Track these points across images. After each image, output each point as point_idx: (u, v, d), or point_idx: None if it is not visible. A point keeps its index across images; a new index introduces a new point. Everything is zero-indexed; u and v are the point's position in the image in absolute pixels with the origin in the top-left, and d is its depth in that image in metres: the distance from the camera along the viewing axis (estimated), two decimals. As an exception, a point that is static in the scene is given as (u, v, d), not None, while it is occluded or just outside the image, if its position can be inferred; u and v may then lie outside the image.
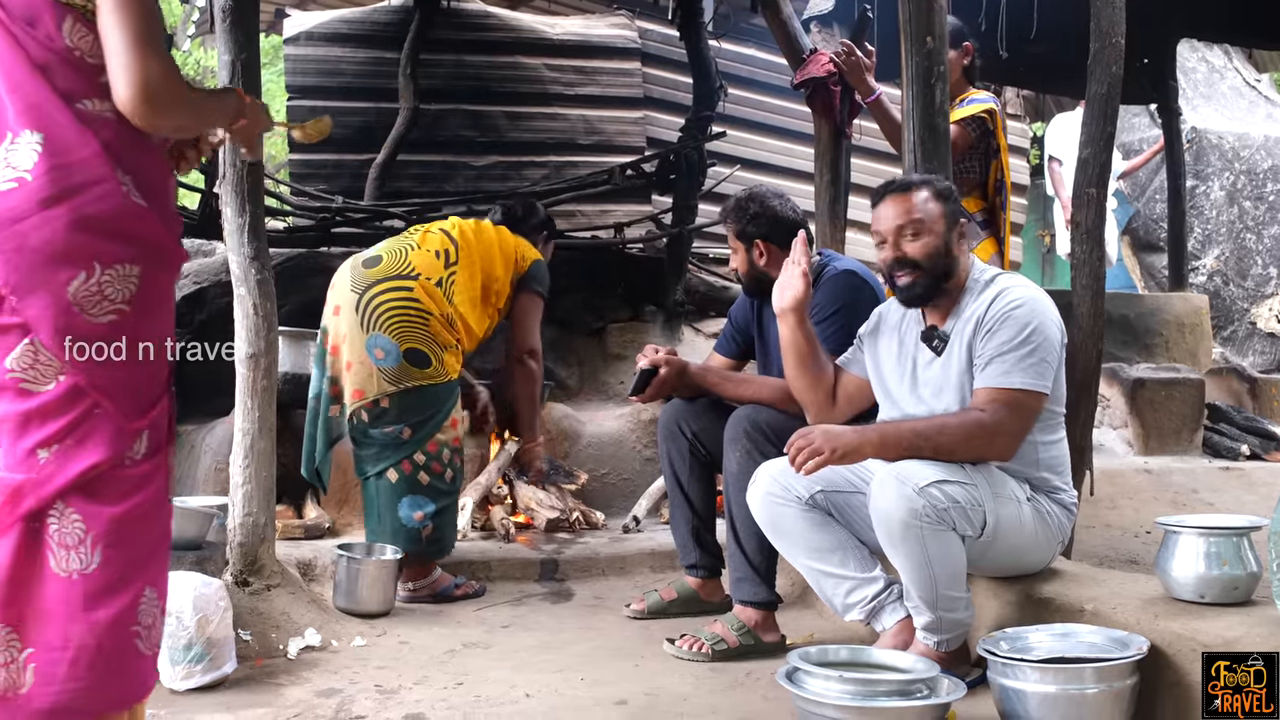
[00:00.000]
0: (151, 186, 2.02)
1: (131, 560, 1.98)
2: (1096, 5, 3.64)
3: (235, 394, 3.53)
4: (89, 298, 1.93)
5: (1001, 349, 2.75)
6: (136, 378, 1.98)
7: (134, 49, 1.89)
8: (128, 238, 1.96)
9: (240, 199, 3.56)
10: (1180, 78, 8.24)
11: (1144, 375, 6.14)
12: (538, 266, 4.44)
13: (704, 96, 6.45)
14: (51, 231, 1.89)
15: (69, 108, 1.93)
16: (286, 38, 7.55)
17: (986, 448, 2.72)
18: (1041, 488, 2.89)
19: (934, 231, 2.86)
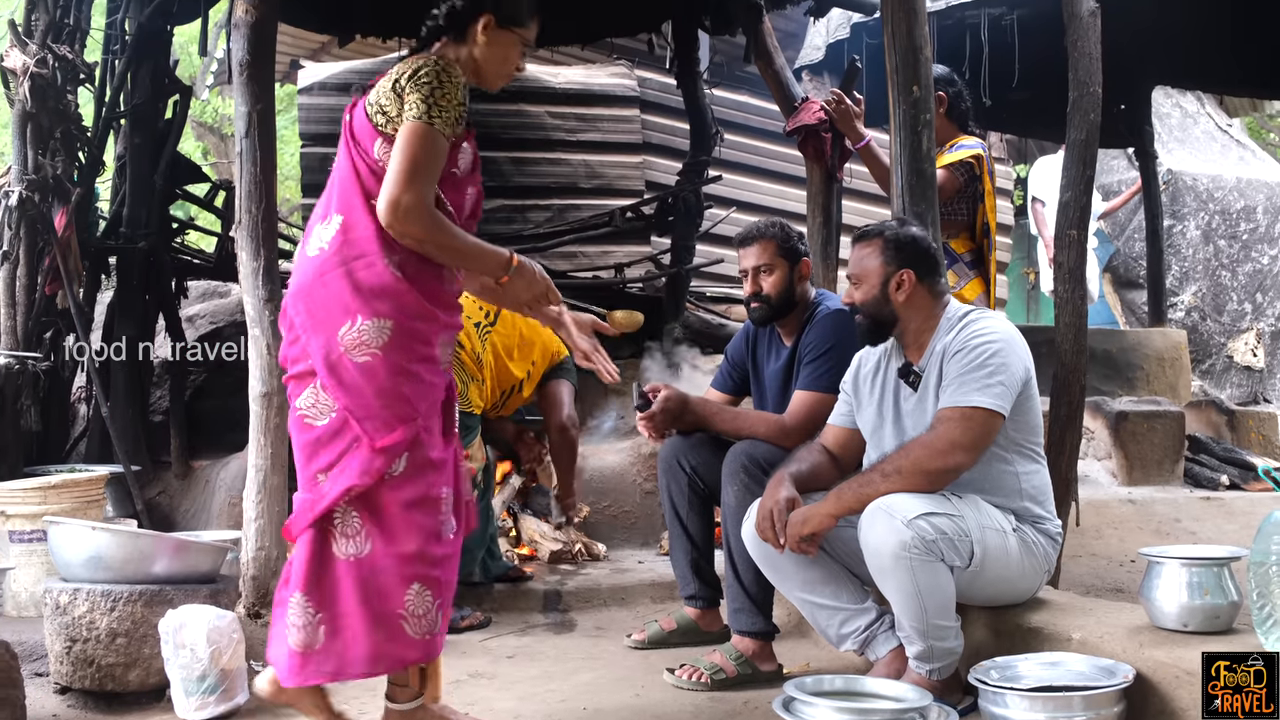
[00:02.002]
0: (419, 270, 2.49)
1: (398, 554, 2.44)
2: (1074, 56, 3.66)
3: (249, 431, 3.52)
4: (353, 342, 2.42)
5: (961, 372, 2.76)
6: (383, 408, 2.42)
7: (397, 176, 2.39)
8: (385, 299, 2.44)
9: (255, 244, 3.56)
10: (1156, 122, 8.28)
11: (1126, 408, 6.13)
12: (570, 360, 4.61)
13: (701, 142, 6.47)
14: (336, 288, 2.45)
15: (366, 203, 2.47)
16: (300, 88, 7.59)
17: (937, 461, 2.70)
18: (1026, 518, 2.87)
19: (870, 283, 2.94)
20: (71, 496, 3.72)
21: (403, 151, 2.39)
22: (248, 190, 3.58)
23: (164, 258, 5.36)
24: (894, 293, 2.91)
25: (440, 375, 2.56)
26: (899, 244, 2.95)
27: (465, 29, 2.57)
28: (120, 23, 5.41)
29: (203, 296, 6.62)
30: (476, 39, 2.57)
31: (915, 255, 2.94)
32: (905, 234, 2.99)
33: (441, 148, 2.44)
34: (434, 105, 2.41)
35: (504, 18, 2.58)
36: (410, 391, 2.47)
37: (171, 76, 5.48)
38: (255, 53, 3.62)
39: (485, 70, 2.62)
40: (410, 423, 2.45)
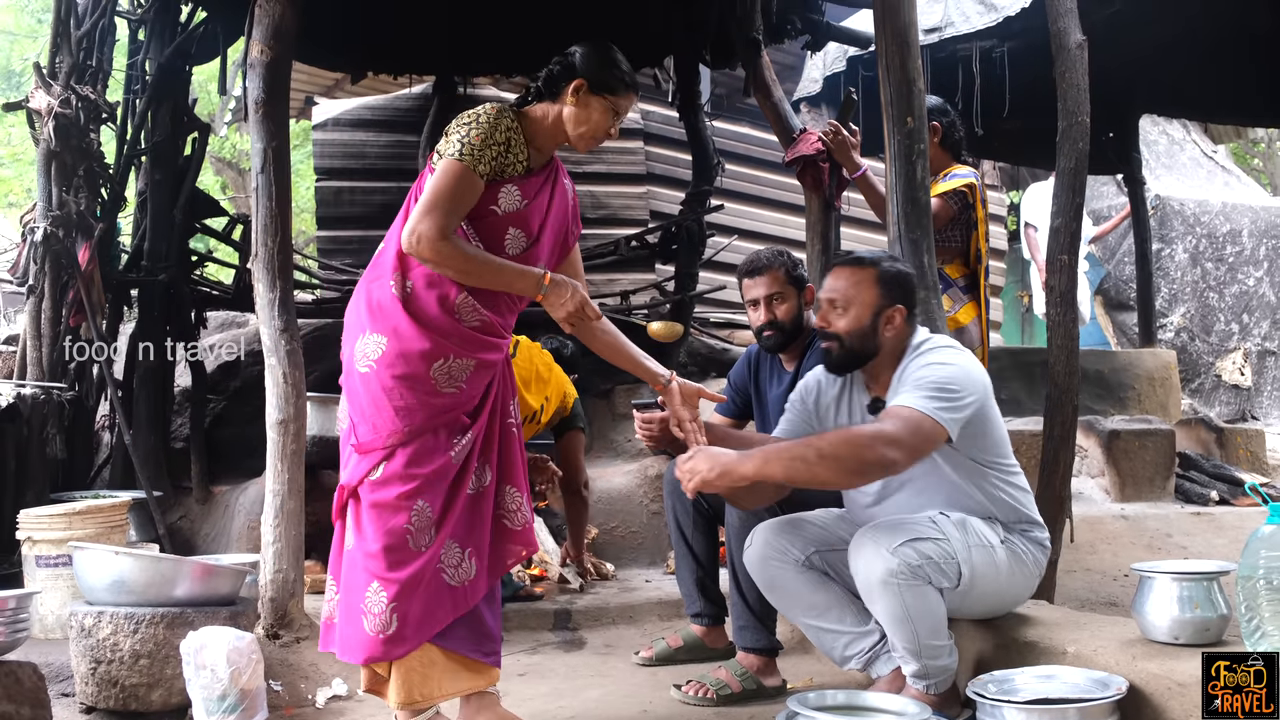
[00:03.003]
0: (425, 297, 2.61)
1: (367, 551, 2.56)
2: (1063, 87, 3.68)
3: (266, 457, 3.53)
4: (360, 352, 2.61)
5: (914, 384, 2.66)
6: (371, 415, 2.58)
7: (420, 207, 2.52)
8: (385, 317, 2.61)
9: (271, 275, 3.58)
10: (1143, 149, 8.31)
11: (1118, 427, 6.12)
12: (579, 406, 4.72)
13: (703, 172, 6.50)
14: (359, 303, 2.69)
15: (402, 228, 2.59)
16: (315, 124, 7.66)
17: (874, 452, 2.51)
18: (1014, 526, 2.83)
19: (860, 313, 2.81)
20: (96, 522, 3.73)
21: (431, 184, 2.54)
22: (264, 224, 3.61)
23: (183, 289, 5.39)
24: (883, 327, 2.81)
25: (438, 396, 2.60)
26: (895, 279, 2.86)
27: (560, 90, 2.70)
28: (141, 63, 5.46)
29: (221, 326, 6.65)
30: (567, 101, 2.69)
31: (907, 293, 2.87)
32: (899, 269, 2.91)
33: (469, 182, 2.54)
34: (465, 143, 2.55)
35: (595, 84, 2.68)
36: (396, 406, 2.56)
37: (190, 114, 5.52)
38: (270, 92, 3.65)
39: (571, 132, 2.71)
40: (391, 434, 2.56)
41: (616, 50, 2.75)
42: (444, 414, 2.63)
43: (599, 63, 2.71)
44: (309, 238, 11.74)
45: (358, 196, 7.51)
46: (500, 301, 2.72)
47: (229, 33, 5.28)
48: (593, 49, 2.73)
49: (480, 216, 2.62)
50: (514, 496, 2.81)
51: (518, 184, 2.65)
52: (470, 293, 2.64)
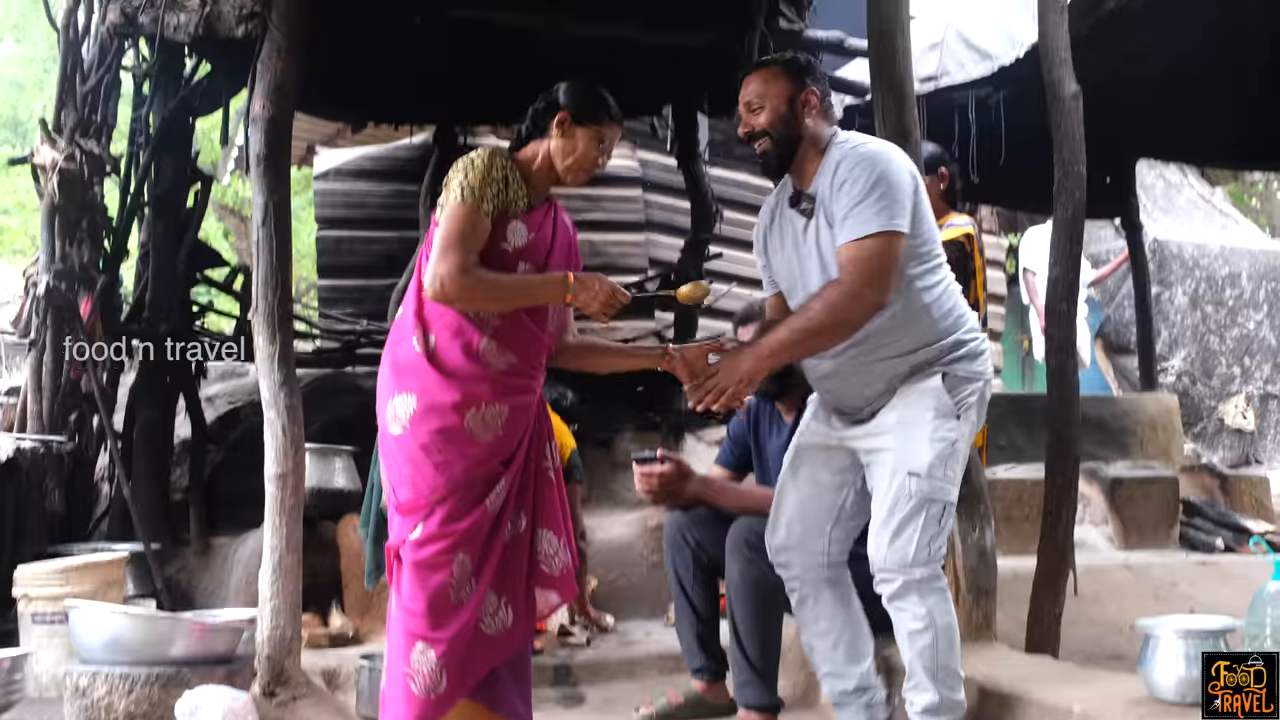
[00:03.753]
0: (449, 349, 2.64)
1: (409, 611, 2.57)
2: (1058, 138, 3.69)
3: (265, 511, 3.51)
4: (392, 415, 2.63)
5: (851, 204, 2.65)
6: (410, 475, 2.59)
7: (435, 254, 2.56)
8: (412, 375, 2.64)
9: (271, 329, 3.58)
10: (1141, 193, 8.33)
11: (1121, 474, 6.08)
12: (577, 457, 4.70)
13: (701, 220, 6.52)
14: (385, 368, 2.74)
15: (418, 285, 2.66)
16: (317, 174, 7.70)
17: (859, 307, 2.59)
18: (946, 349, 2.74)
19: (775, 104, 2.81)
20: (92, 578, 3.70)
21: (440, 230, 2.59)
22: (264, 278, 3.61)
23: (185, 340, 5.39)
24: (801, 111, 2.81)
25: (475, 446, 2.62)
26: (801, 66, 2.88)
27: (546, 127, 2.75)
28: (145, 116, 5.49)
29: (221, 377, 6.65)
30: (554, 135, 2.74)
31: (816, 77, 2.88)
32: (801, 57, 2.94)
33: (476, 222, 2.60)
34: (465, 186, 2.61)
35: (579, 116, 2.73)
36: (435, 462, 2.59)
37: (193, 167, 5.55)
38: (271, 146, 3.67)
39: (560, 163, 2.76)
40: (433, 491, 2.58)
41: (598, 84, 2.81)
42: (482, 464, 2.64)
43: (581, 95, 2.77)
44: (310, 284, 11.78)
45: (358, 246, 7.54)
46: (526, 341, 2.73)
47: (232, 85, 5.31)
48: (574, 83, 2.80)
49: (491, 254, 2.65)
50: (550, 540, 2.81)
51: (522, 219, 2.70)
52: (493, 337, 2.66)
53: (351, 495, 4.77)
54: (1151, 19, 4.95)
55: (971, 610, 3.38)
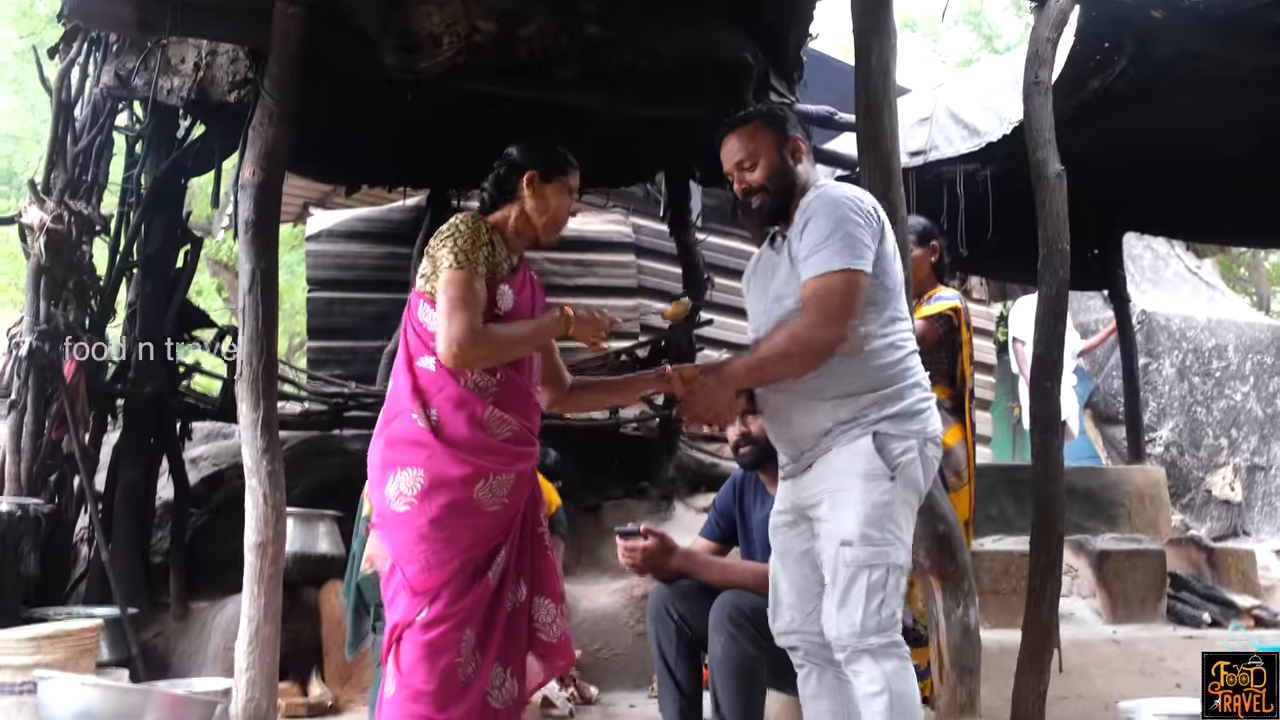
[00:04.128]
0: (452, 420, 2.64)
1: (416, 691, 2.53)
2: (1043, 215, 3.72)
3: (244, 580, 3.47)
4: (395, 493, 2.60)
5: (815, 243, 2.66)
6: (422, 553, 2.56)
7: (445, 319, 2.57)
8: (415, 450, 2.63)
9: (255, 395, 3.57)
10: (1128, 264, 8.40)
11: (1109, 547, 6.06)
12: (561, 512, 4.66)
13: (693, 286, 6.53)
14: (381, 447, 2.69)
15: (408, 364, 2.71)
16: (309, 235, 7.73)
17: (819, 339, 2.61)
18: (881, 412, 2.69)
19: (768, 156, 2.83)
20: (65, 646, 3.64)
21: (444, 297, 2.60)
22: (250, 344, 3.61)
23: (169, 402, 5.36)
24: (792, 159, 2.84)
25: (482, 516, 2.62)
26: (779, 117, 2.90)
27: (514, 190, 2.80)
28: (137, 176, 5.50)
29: (206, 438, 6.60)
30: (524, 196, 2.78)
31: (794, 123, 2.91)
32: (775, 109, 2.99)
33: (475, 284, 2.62)
34: (458, 251, 2.63)
35: (546, 172, 2.80)
36: (445, 536, 2.57)
37: (184, 227, 5.54)
38: (261, 212, 3.69)
39: (538, 223, 2.82)
40: (446, 564, 2.57)
41: (548, 139, 2.88)
42: (491, 536, 2.65)
43: (542, 152, 2.84)
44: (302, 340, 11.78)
45: (349, 308, 7.55)
46: (526, 406, 2.76)
47: (225, 146, 5.32)
48: (529, 143, 2.86)
49: (486, 319, 2.66)
50: (548, 608, 2.81)
51: (507, 282, 2.73)
52: (495, 404, 2.67)
53: (335, 560, 4.71)
54: (1134, 101, 5.02)
55: (955, 688, 3.35)
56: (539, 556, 2.80)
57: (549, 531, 4.57)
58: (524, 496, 2.75)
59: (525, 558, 2.76)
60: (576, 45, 4.14)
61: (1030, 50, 4.03)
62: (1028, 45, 4.11)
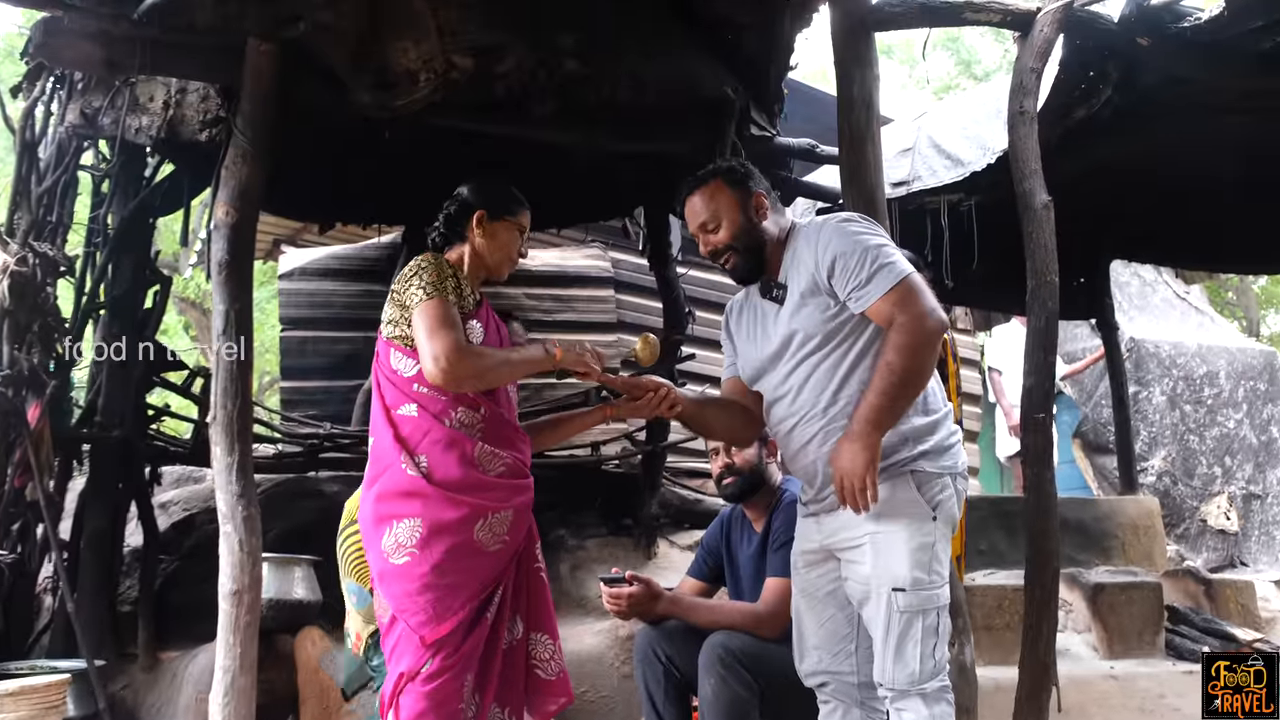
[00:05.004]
0: (442, 463, 2.65)
1: None
2: (1030, 247, 3.78)
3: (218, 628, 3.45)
4: (393, 546, 2.60)
5: (855, 270, 2.69)
6: (428, 603, 2.57)
7: (426, 343, 2.60)
8: (410, 500, 2.65)
9: (229, 439, 3.57)
10: (1115, 291, 8.47)
11: (1104, 580, 6.08)
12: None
13: (674, 321, 6.55)
14: (372, 504, 2.71)
15: (386, 416, 2.73)
16: (281, 273, 7.72)
17: (925, 338, 2.62)
18: (914, 449, 2.73)
19: (731, 216, 2.88)
20: (30, 703, 3.60)
21: (420, 325, 2.64)
22: (223, 386, 3.61)
23: (138, 445, 5.33)
24: (756, 215, 2.89)
25: (485, 556, 2.65)
26: (739, 174, 2.94)
27: (464, 229, 2.88)
28: (104, 216, 5.49)
29: (176, 482, 6.57)
30: (474, 235, 2.86)
31: (754, 177, 2.96)
32: (734, 164, 3.01)
33: (452, 310, 2.68)
34: (427, 284, 2.70)
35: (495, 211, 2.87)
36: (448, 584, 2.60)
37: (152, 267, 5.53)
38: (234, 253, 3.70)
39: (489, 261, 2.91)
40: (451, 618, 2.60)
41: (498, 177, 2.98)
42: (494, 577, 2.68)
43: (491, 191, 2.93)
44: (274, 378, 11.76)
45: (323, 347, 7.54)
46: (515, 438, 2.80)
47: (194, 184, 5.33)
48: (478, 182, 2.95)
49: None
50: (545, 644, 2.83)
51: (475, 318, 2.79)
52: (484, 439, 2.71)
53: (311, 606, 4.69)
54: (1120, 128, 5.10)
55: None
56: (535, 591, 2.83)
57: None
58: (523, 533, 2.77)
59: (521, 593, 2.78)
60: (555, 81, 4.18)
61: (1015, 80, 4.10)
62: (1012, 75, 4.19)
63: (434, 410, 2.69)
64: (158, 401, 6.46)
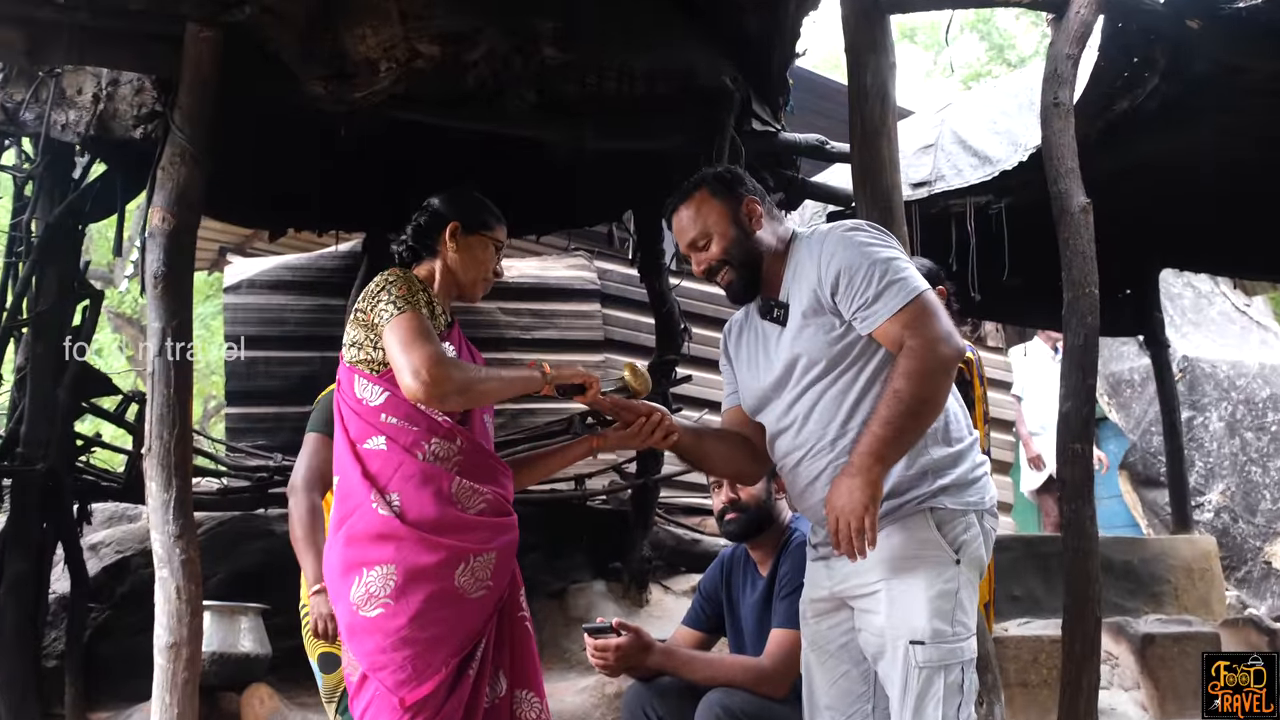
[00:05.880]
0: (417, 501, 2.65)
1: None
2: (1066, 255, 3.78)
3: (153, 685, 3.45)
4: (363, 597, 2.59)
5: (864, 288, 2.68)
6: (405, 660, 2.55)
7: (402, 358, 2.58)
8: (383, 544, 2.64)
9: (166, 473, 3.56)
10: (1166, 304, 8.48)
11: (1154, 630, 6.07)
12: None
13: (668, 339, 6.54)
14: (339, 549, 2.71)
15: (352, 451, 2.71)
16: (227, 286, 7.71)
17: (939, 364, 2.60)
18: (933, 483, 2.72)
19: (722, 228, 2.87)
20: (-59, 772, 3.59)
21: (394, 341, 2.63)
22: (159, 414, 3.61)
23: (65, 480, 5.32)
24: (750, 224, 2.88)
25: (467, 603, 2.64)
26: (726, 180, 2.94)
27: (435, 243, 2.88)
28: (26, 223, 5.49)
29: (109, 521, 6.56)
30: (447, 249, 2.87)
31: (745, 183, 2.95)
32: (720, 170, 3.02)
33: (427, 323, 2.68)
34: (396, 298, 2.68)
35: (469, 224, 2.89)
36: (429, 637, 2.58)
37: (82, 279, 5.53)
38: (172, 263, 3.70)
39: (462, 278, 2.91)
40: (431, 677, 2.57)
41: (471, 188, 3.01)
42: (478, 629, 2.67)
43: (465, 203, 2.95)
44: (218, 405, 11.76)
45: (274, 368, 7.52)
46: (495, 472, 2.80)
47: (129, 187, 5.33)
48: (451, 193, 2.97)
49: None
50: (532, 703, 2.82)
51: (447, 339, 2.78)
52: (461, 474, 2.70)
53: (258, 660, 4.69)
54: (1169, 122, 5.11)
55: (983, 801, 3.36)
56: (519, 644, 2.82)
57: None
58: (507, 578, 2.77)
59: (505, 646, 2.77)
60: (532, 70, 4.19)
61: (1048, 68, 4.12)
62: (1045, 62, 4.21)
63: (405, 442, 2.68)
64: (87, 430, 6.43)
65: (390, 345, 2.64)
